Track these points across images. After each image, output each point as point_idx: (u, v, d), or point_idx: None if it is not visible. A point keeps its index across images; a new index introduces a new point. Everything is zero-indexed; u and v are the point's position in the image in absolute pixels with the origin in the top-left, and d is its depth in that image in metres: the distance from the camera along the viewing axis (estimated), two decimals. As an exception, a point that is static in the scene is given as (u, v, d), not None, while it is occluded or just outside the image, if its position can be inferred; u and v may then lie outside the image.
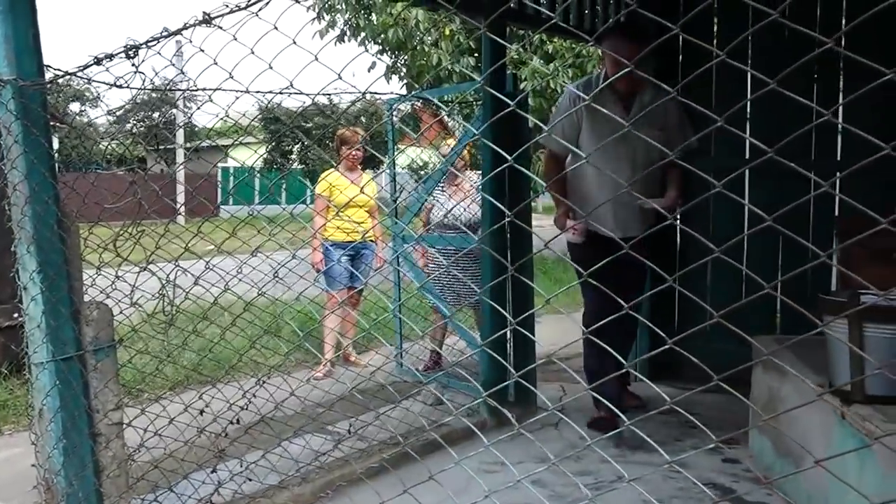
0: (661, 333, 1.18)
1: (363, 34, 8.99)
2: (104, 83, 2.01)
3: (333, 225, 5.08)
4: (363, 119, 15.50)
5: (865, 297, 2.29)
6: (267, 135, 17.41)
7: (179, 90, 2.48)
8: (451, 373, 4.54)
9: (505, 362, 3.90)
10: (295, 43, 1.72)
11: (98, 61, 1.94)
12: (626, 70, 3.12)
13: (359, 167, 5.32)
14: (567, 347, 5.64)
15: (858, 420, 2.25)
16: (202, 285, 2.33)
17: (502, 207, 2.84)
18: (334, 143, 5.32)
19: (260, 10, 1.61)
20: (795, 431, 2.86)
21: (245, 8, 1.63)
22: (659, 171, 3.55)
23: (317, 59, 1.70)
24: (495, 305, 3.58)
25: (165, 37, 1.78)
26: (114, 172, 3.27)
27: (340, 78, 1.80)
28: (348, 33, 9.17)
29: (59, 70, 2.39)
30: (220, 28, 1.67)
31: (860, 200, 0.92)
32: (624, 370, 3.99)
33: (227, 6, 1.66)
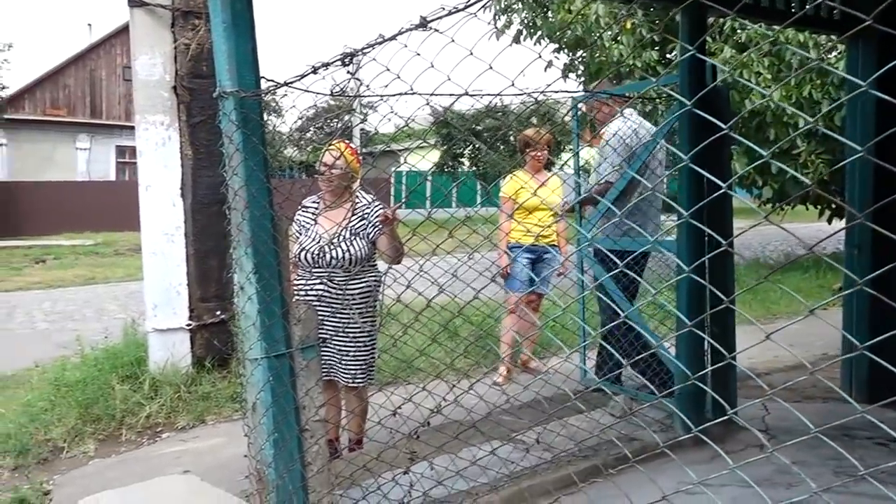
0: (855, 342, 0.99)
1: (539, 33, 8.90)
2: (320, 93, 2.07)
3: (517, 228, 5.02)
4: (534, 120, 15.42)
5: None
6: (438, 139, 17.82)
7: (382, 96, 2.51)
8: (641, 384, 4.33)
9: (701, 380, 3.64)
10: (472, 54, 1.68)
11: (315, 70, 1.99)
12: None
13: (544, 169, 5.23)
14: (767, 361, 5.23)
15: None
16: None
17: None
18: (518, 145, 5.27)
19: (478, 10, 1.57)
20: None
21: (463, 9, 1.58)
22: None
23: (491, 67, 1.65)
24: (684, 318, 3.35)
25: (380, 43, 1.78)
26: (317, 178, 3.41)
27: (513, 84, 1.74)
28: (524, 33, 9.12)
29: (273, 81, 2.50)
30: (437, 31, 1.64)
31: None
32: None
33: (444, 8, 1.63)
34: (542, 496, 2.98)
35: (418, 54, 1.66)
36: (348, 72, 1.89)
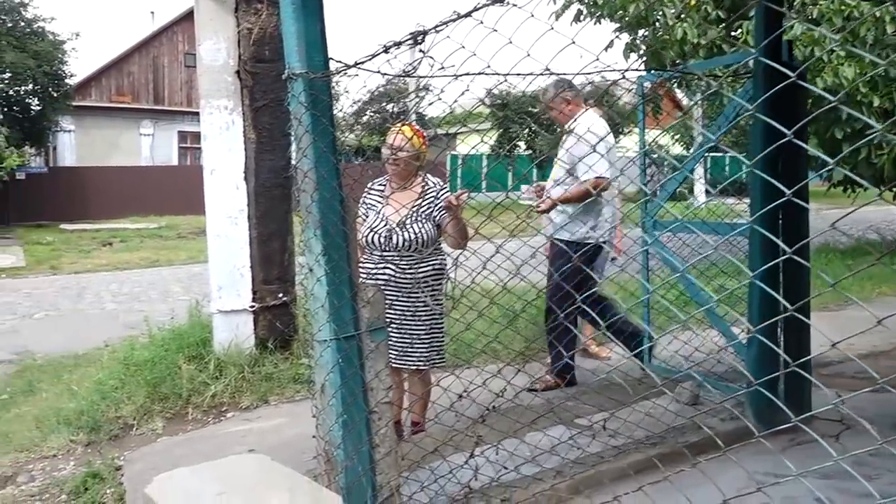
0: None
1: (600, 12, 8.70)
2: (388, 74, 2.04)
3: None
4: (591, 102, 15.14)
5: None
6: (495, 121, 17.68)
7: (457, 75, 2.47)
8: (708, 370, 4.22)
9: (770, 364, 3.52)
10: (553, 28, 1.62)
11: (386, 49, 1.96)
12: None
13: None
14: (839, 350, 5.01)
15: None
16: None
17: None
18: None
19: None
20: None
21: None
22: None
23: (574, 42, 1.60)
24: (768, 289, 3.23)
25: (455, 20, 1.74)
26: (386, 161, 3.40)
27: (598, 59, 1.69)
28: (584, 12, 8.93)
29: (342, 62, 2.48)
30: (515, 6, 1.59)
31: None
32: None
33: (522, -18, 1.58)
34: (612, 481, 2.93)
35: (495, 30, 1.61)
36: (420, 50, 1.86)
